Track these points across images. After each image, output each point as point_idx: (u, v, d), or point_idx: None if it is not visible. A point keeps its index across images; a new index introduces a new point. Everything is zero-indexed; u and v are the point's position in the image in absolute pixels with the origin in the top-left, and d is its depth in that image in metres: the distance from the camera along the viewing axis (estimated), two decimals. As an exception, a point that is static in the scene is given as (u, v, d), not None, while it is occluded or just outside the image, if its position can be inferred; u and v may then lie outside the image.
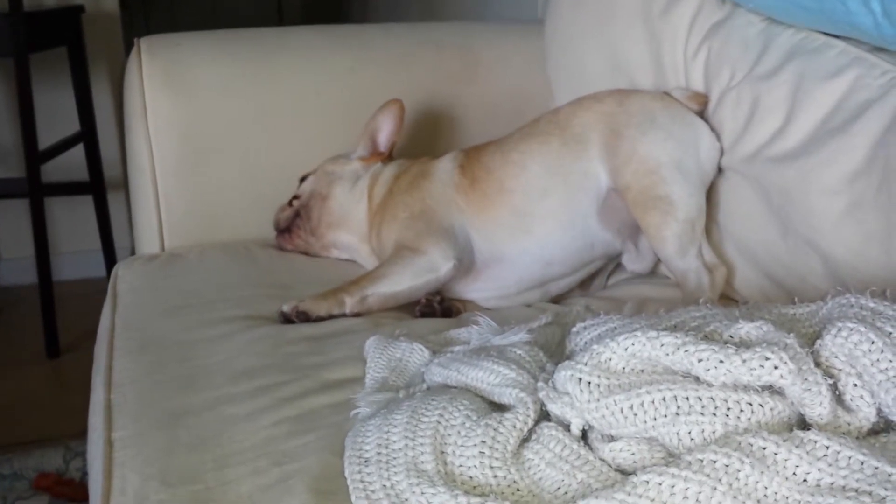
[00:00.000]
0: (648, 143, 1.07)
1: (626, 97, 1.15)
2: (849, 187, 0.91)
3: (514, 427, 0.64)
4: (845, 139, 0.93)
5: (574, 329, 0.77)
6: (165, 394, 0.82)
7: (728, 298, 1.09)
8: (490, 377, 0.70)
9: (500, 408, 0.68)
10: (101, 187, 2.48)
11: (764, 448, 0.53)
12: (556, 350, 0.80)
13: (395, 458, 0.63)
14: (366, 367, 0.82)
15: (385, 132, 1.24)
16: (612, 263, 1.20)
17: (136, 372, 0.88)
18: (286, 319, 1.00)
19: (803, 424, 0.58)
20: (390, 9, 3.11)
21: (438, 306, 1.07)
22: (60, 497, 1.55)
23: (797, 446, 0.53)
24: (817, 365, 0.59)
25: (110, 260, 2.52)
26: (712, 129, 1.12)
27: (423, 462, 0.62)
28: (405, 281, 1.05)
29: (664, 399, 0.58)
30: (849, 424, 0.58)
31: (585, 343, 0.74)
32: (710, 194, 1.11)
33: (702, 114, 1.14)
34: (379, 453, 0.63)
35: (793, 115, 1.01)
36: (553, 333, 0.84)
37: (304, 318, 1.00)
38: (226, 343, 0.92)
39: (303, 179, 1.27)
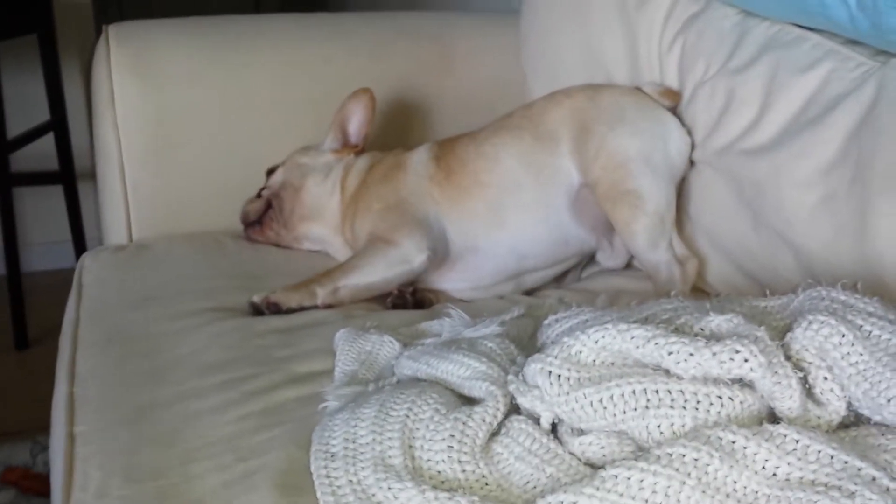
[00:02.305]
0: (617, 137, 1.08)
1: (596, 92, 1.15)
2: (822, 180, 0.91)
3: (484, 421, 0.63)
4: (819, 132, 0.93)
5: (546, 321, 0.77)
6: (130, 387, 0.81)
7: (700, 291, 1.09)
8: (460, 370, 0.70)
9: (469, 401, 0.68)
10: (71, 177, 2.44)
11: (733, 442, 0.53)
12: (528, 343, 0.79)
13: (362, 453, 0.62)
14: (335, 360, 0.81)
15: (355, 123, 1.22)
16: (587, 258, 1.20)
17: (101, 365, 0.86)
18: (256, 311, 0.98)
19: (773, 418, 0.58)
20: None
21: (411, 298, 1.06)
22: (28, 491, 1.53)
23: (767, 440, 0.53)
24: (788, 358, 0.59)
25: (81, 251, 2.48)
26: (683, 124, 1.12)
27: (390, 457, 0.61)
28: (378, 272, 1.04)
29: (634, 392, 0.57)
30: (819, 418, 0.58)
31: (557, 335, 0.73)
32: (682, 187, 1.12)
33: (674, 109, 1.14)
34: (346, 448, 0.62)
35: (766, 108, 1.00)
36: (525, 326, 0.84)
37: (275, 309, 0.98)
38: (193, 335, 0.91)
39: (270, 172, 1.25)
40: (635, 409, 0.57)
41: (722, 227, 1.06)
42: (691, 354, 0.57)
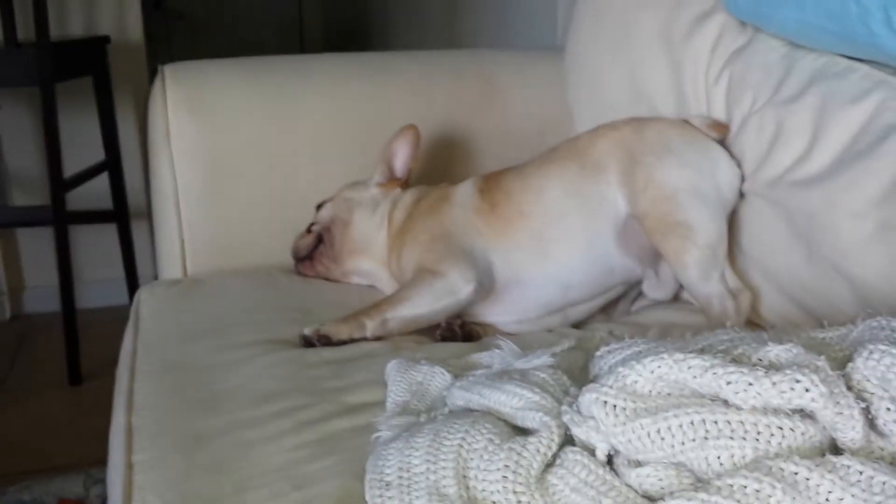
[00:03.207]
0: (665, 169, 1.08)
1: (643, 125, 1.15)
2: (876, 210, 0.90)
3: (538, 451, 0.62)
4: (871, 162, 0.92)
5: (598, 353, 0.76)
6: (186, 417, 0.82)
7: (754, 325, 1.08)
8: (513, 400, 0.69)
9: (523, 432, 0.67)
10: (125, 215, 2.50)
11: (796, 473, 0.52)
12: (579, 375, 0.78)
13: (416, 482, 0.62)
14: (387, 391, 0.82)
15: (401, 158, 1.24)
16: (635, 290, 1.19)
17: (158, 395, 0.88)
18: (307, 343, 0.99)
19: (835, 450, 0.57)
20: (411, 37, 3.14)
21: (459, 330, 1.06)
22: (80, 524, 1.55)
23: (830, 471, 0.52)
24: (849, 388, 0.58)
25: (133, 288, 2.53)
26: (732, 156, 1.11)
27: (445, 486, 0.61)
28: (425, 304, 1.05)
29: (692, 423, 0.56)
30: (882, 449, 0.56)
31: (610, 367, 0.72)
32: (733, 219, 1.11)
33: (723, 142, 1.13)
34: (400, 476, 0.62)
35: (817, 139, 1.00)
36: (576, 358, 0.83)
37: (326, 341, 0.99)
38: (246, 366, 0.92)
39: (319, 207, 1.27)
40: (694, 440, 0.56)
41: (775, 260, 1.05)
42: (751, 384, 0.56)
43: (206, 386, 0.88)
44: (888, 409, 0.57)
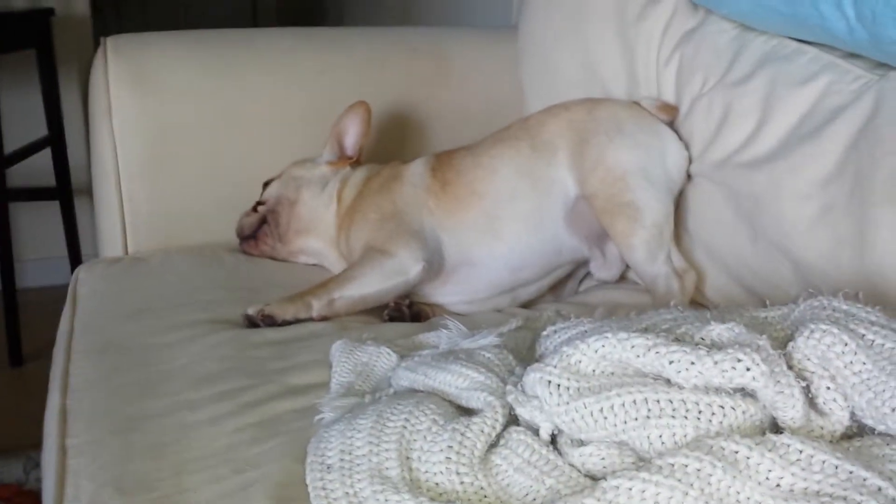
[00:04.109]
0: (615, 150, 1.08)
1: (594, 105, 1.15)
2: (821, 192, 0.91)
3: (482, 432, 0.62)
4: (817, 144, 0.92)
5: (544, 332, 0.76)
6: (123, 399, 0.80)
7: (699, 304, 1.08)
8: (458, 381, 0.69)
9: (467, 412, 0.67)
10: (68, 193, 2.43)
11: (736, 452, 0.52)
12: (526, 354, 0.78)
13: (358, 465, 0.61)
14: (331, 372, 0.80)
15: (352, 135, 1.22)
16: (583, 269, 1.19)
17: (94, 377, 0.85)
18: (251, 323, 0.97)
19: (775, 428, 0.57)
20: (366, 13, 3.10)
21: (407, 310, 1.05)
22: (20, 508, 1.51)
23: (770, 450, 0.52)
24: (790, 367, 0.58)
25: (76, 267, 2.46)
26: (681, 138, 1.12)
27: (387, 468, 0.60)
28: (374, 283, 1.04)
29: (634, 402, 0.56)
30: (822, 428, 0.57)
31: (555, 346, 0.72)
32: (680, 201, 1.11)
33: (671, 124, 1.14)
34: (342, 459, 0.61)
35: (764, 121, 1.00)
36: (523, 338, 0.83)
37: (270, 321, 0.97)
38: (188, 347, 0.90)
39: (266, 185, 1.24)
40: (636, 420, 0.56)
41: (720, 241, 1.06)
42: (693, 363, 0.56)
43: (145, 367, 0.86)
44: (828, 387, 0.58)
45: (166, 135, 1.26)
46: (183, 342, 0.91)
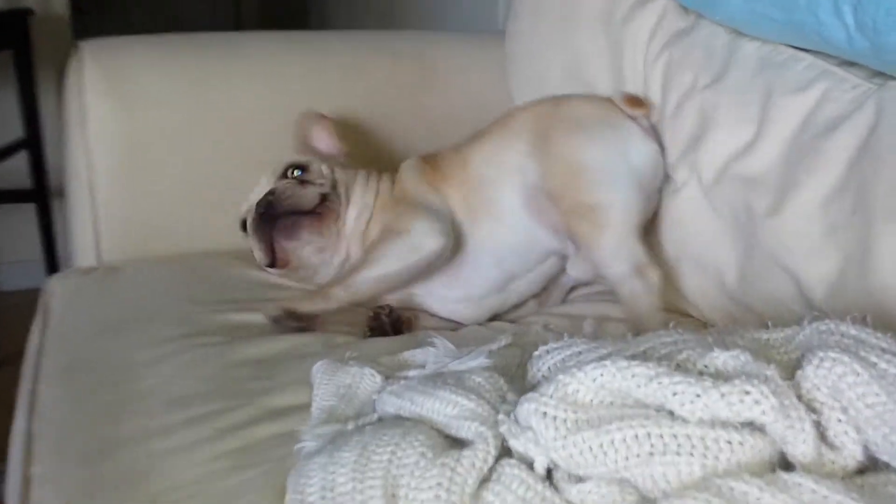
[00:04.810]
0: (573, 146, 1.06)
1: (560, 101, 1.14)
2: (824, 209, 0.87)
3: (473, 466, 0.58)
4: (819, 158, 0.89)
5: (536, 353, 0.72)
6: (92, 423, 0.75)
7: (686, 315, 1.05)
8: (447, 408, 0.65)
9: (457, 442, 0.63)
10: (44, 195, 2.39)
11: (746, 493, 0.49)
12: (515, 373, 0.74)
13: (341, 503, 0.57)
14: (312, 395, 0.76)
15: (325, 146, 1.17)
16: (567, 277, 1.16)
17: (63, 398, 0.81)
18: (276, 322, 0.95)
19: (785, 463, 0.54)
20: (349, 17, 3.06)
21: (387, 319, 1.02)
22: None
23: (781, 490, 0.49)
24: (798, 398, 0.55)
25: (53, 270, 2.42)
26: (660, 135, 1.10)
27: (372, 506, 0.56)
28: (392, 262, 1.00)
29: (637, 436, 0.53)
30: (833, 463, 0.54)
31: (549, 369, 0.69)
32: (666, 211, 1.08)
33: (648, 120, 1.11)
34: (323, 497, 0.57)
35: (762, 132, 0.97)
36: (513, 355, 0.79)
37: (295, 317, 0.95)
38: (162, 366, 0.86)
39: (294, 167, 1.12)
40: (638, 456, 0.52)
41: (711, 255, 1.02)
42: (698, 395, 0.53)
43: (116, 388, 0.81)
44: (839, 419, 0.54)
45: (142, 141, 1.22)
46: (157, 360, 0.87)
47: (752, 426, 0.53)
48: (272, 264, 1.08)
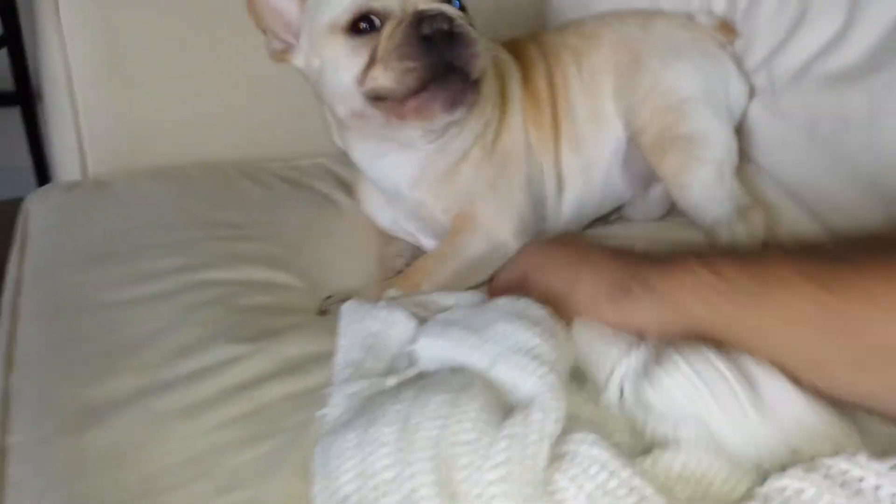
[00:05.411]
0: (672, 75, 0.92)
1: (648, 21, 0.98)
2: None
3: (545, 432, 0.47)
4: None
5: None
6: (79, 379, 0.64)
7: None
8: (502, 343, 0.54)
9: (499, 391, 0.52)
10: (28, 97, 2.22)
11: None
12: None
13: (384, 493, 0.46)
14: (337, 344, 0.64)
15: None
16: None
17: (45, 346, 0.70)
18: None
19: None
20: None
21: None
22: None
23: None
24: None
25: (42, 178, 2.29)
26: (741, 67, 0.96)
27: (423, 497, 0.45)
28: (475, 261, 0.85)
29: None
30: None
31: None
32: (743, 127, 0.95)
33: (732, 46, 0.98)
34: (361, 487, 0.46)
35: (852, 20, 0.83)
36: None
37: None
38: (160, 305, 0.73)
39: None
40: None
41: (791, 170, 0.89)
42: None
43: (107, 334, 0.69)
44: None
45: (128, 37, 1.06)
46: (154, 298, 0.74)
47: None
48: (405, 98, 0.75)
